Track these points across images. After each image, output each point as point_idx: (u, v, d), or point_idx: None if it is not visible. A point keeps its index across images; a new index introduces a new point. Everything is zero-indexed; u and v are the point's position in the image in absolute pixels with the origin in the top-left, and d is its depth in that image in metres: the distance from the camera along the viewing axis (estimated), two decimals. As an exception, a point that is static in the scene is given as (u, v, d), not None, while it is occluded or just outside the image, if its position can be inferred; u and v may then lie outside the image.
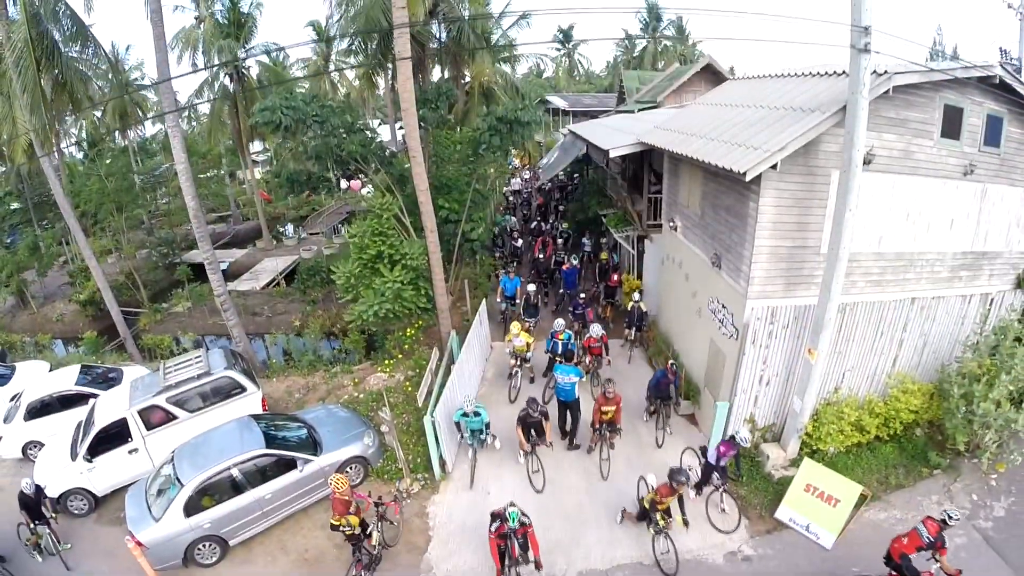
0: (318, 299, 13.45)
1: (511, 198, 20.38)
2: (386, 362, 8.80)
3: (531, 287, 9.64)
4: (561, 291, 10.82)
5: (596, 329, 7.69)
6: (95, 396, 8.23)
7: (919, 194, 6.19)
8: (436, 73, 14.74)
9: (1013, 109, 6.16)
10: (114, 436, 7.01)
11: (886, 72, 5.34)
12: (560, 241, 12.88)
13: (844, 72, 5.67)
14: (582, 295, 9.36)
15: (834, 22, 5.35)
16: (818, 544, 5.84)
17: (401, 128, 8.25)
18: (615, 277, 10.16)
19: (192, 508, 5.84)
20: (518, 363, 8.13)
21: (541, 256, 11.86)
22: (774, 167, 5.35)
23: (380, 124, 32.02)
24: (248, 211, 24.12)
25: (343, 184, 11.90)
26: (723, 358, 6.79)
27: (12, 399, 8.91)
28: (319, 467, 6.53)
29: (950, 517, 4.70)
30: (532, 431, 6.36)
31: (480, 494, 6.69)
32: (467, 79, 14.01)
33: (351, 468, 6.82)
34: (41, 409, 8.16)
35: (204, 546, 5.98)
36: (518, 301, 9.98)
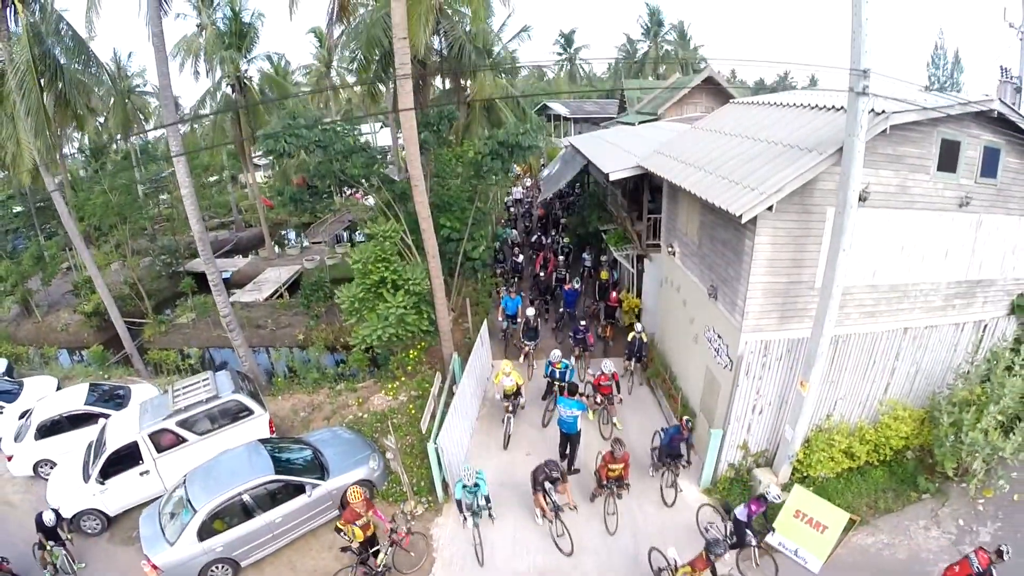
0: (321, 314, 13.62)
1: (512, 208, 20.43)
2: (390, 385, 8.98)
3: (530, 311, 9.61)
4: (561, 310, 10.87)
5: (608, 365, 7.45)
6: (104, 416, 8.44)
7: (914, 227, 6.26)
8: (437, 82, 14.79)
9: (1011, 139, 6.16)
10: (125, 458, 7.19)
11: (883, 112, 5.35)
12: (561, 258, 12.97)
13: (843, 108, 5.69)
14: (583, 322, 9.29)
15: (834, 67, 5.42)
16: (806, 568, 6.04)
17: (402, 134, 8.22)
18: (614, 295, 10.23)
19: (205, 532, 6.04)
20: (510, 408, 7.77)
21: (542, 274, 11.93)
22: (770, 208, 5.48)
23: (382, 127, 32.05)
24: (250, 216, 24.20)
25: (346, 190, 12.02)
26: (718, 386, 6.96)
27: (22, 416, 9.08)
28: (327, 491, 6.73)
29: (1007, 552, 4.56)
30: (549, 484, 5.98)
31: (482, 519, 6.86)
32: (468, 92, 14.06)
33: (357, 491, 7.03)
34: (51, 428, 8.32)
35: (217, 568, 6.19)
36: (519, 320, 10.12)
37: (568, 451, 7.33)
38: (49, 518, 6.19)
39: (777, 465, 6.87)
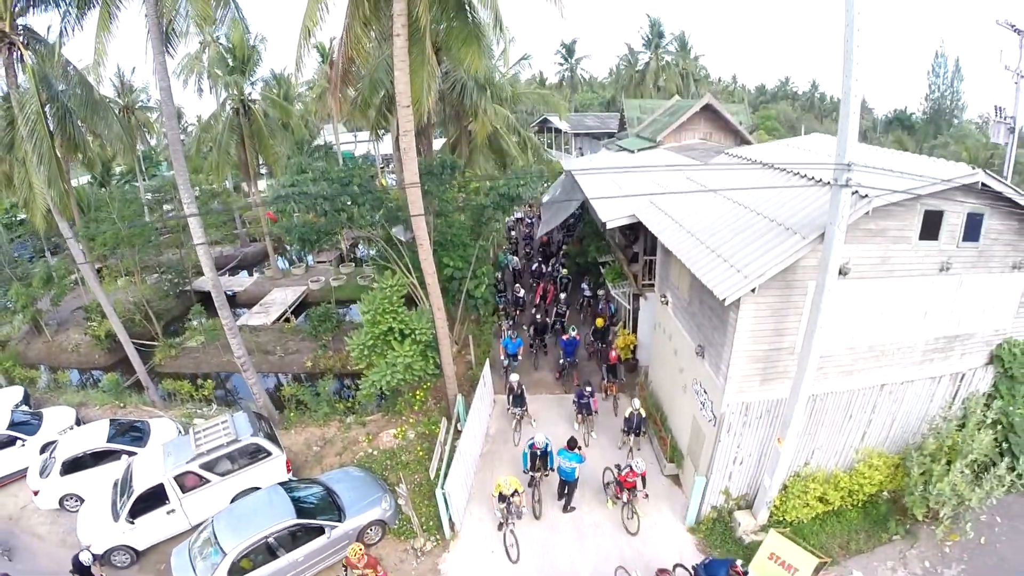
0: (328, 342, 14.08)
1: (513, 231, 20.72)
2: (399, 428, 9.48)
3: (513, 377, 9.34)
4: (562, 361, 10.92)
5: (639, 464, 7.29)
6: (127, 453, 8.97)
7: (894, 293, 6.55)
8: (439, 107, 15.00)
9: (995, 204, 6.23)
10: (152, 498, 7.71)
11: (866, 196, 5.63)
12: (563, 295, 13.11)
13: (830, 183, 5.76)
14: (588, 387, 9.12)
15: (820, 165, 5.54)
16: (780, 610, 6.59)
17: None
18: (613, 355, 10.17)
19: (235, 572, 6.60)
20: (510, 520, 7.38)
21: (539, 316, 12.07)
22: (753, 290, 5.91)
23: (385, 133, 32.11)
24: (253, 230, 24.44)
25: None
26: (703, 437, 7.47)
27: (44, 450, 9.58)
28: (343, 532, 7.29)
29: None
30: None
31: (485, 553, 7.43)
32: (470, 123, 14.34)
33: (371, 530, 7.61)
34: (75, 464, 8.79)
35: (244, 605, 6.75)
36: (520, 358, 10.55)
37: (566, 491, 7.92)
38: (86, 559, 6.69)
39: (756, 509, 7.43)
